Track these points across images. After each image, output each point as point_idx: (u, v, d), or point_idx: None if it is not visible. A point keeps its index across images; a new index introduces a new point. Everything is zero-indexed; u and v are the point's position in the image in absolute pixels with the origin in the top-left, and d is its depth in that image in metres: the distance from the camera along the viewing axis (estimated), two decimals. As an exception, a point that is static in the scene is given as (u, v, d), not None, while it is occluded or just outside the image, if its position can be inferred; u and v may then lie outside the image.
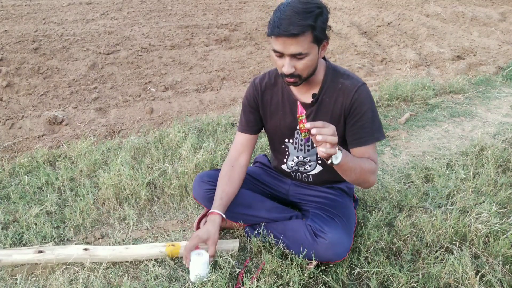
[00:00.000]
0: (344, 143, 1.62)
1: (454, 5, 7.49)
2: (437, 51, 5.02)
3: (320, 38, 1.40)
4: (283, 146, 1.74)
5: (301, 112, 1.31)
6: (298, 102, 1.36)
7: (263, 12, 7.05)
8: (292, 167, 1.76)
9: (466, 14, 6.77)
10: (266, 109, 1.69)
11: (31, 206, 2.02)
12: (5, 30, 5.05)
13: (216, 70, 4.33)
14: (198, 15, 6.64)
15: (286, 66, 1.41)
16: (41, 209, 1.99)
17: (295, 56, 1.39)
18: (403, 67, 4.55)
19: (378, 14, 6.79)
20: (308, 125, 1.27)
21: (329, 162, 1.36)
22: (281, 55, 1.42)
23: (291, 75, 1.43)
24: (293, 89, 1.63)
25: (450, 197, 2.12)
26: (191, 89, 3.81)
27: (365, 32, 6.05)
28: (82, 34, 5.14)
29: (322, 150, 1.30)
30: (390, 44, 5.44)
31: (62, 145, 2.69)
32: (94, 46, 4.75)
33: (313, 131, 1.27)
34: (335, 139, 1.28)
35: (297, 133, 1.67)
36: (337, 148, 1.34)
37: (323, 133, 1.26)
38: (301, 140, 1.67)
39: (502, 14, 6.95)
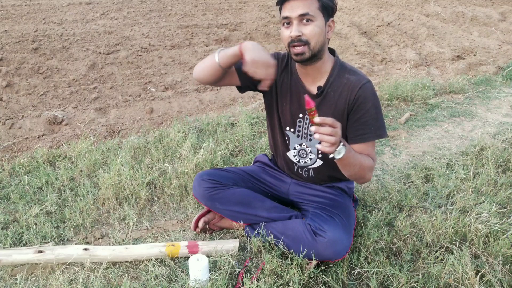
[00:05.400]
0: (344, 138, 1.62)
1: (454, 5, 7.49)
2: (437, 51, 5.02)
3: (327, 7, 1.47)
4: (283, 135, 1.75)
5: (311, 105, 1.27)
6: (305, 96, 1.32)
7: (263, 12, 7.05)
8: (295, 156, 1.76)
9: (466, 14, 6.77)
10: (277, 88, 1.69)
11: (31, 206, 2.02)
12: (5, 30, 5.05)
13: (216, 70, 4.33)
14: (198, 15, 6.64)
15: (293, 29, 1.44)
16: (41, 209, 1.99)
17: (302, 20, 1.43)
18: (403, 67, 4.55)
19: (378, 14, 6.79)
20: (317, 119, 1.28)
21: (330, 156, 1.39)
22: (289, 23, 1.46)
23: (299, 40, 1.44)
24: (301, 75, 1.64)
25: (450, 197, 2.12)
26: (191, 89, 3.81)
27: (365, 32, 6.05)
28: (82, 34, 5.14)
29: (317, 147, 1.34)
30: (390, 44, 5.44)
31: (62, 145, 2.69)
32: (94, 46, 4.75)
33: (312, 128, 1.31)
34: (331, 139, 1.29)
35: (300, 121, 1.68)
36: (341, 144, 1.36)
37: (321, 132, 1.29)
38: (305, 129, 1.68)
39: (502, 14, 6.95)
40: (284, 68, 1.67)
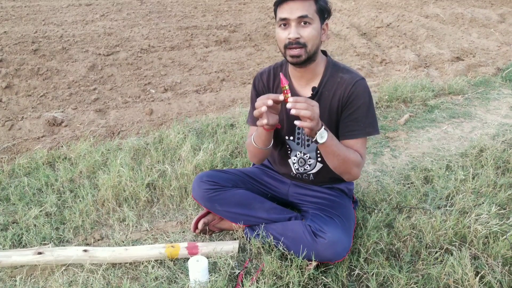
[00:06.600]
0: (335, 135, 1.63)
1: (453, 6, 7.50)
2: (436, 52, 5.02)
3: (323, 11, 1.49)
4: (285, 144, 1.75)
5: (284, 83, 1.33)
6: (281, 73, 1.38)
7: (263, 14, 7.05)
8: (294, 163, 1.77)
9: (465, 15, 6.78)
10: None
11: (31, 207, 2.02)
12: (5, 32, 5.05)
13: (215, 71, 4.34)
14: (197, 16, 6.65)
15: (292, 31, 1.45)
16: (41, 211, 1.99)
17: (301, 22, 1.44)
18: (402, 68, 4.56)
19: (377, 15, 6.80)
20: (291, 99, 1.32)
21: (314, 139, 1.41)
22: (286, 25, 1.46)
23: (297, 43, 1.45)
24: (294, 81, 1.64)
25: (449, 198, 2.12)
26: (190, 90, 3.81)
27: (365, 33, 6.06)
28: (82, 35, 5.14)
29: (296, 123, 1.35)
30: (389, 45, 5.45)
31: (62, 146, 2.69)
32: (93, 47, 4.75)
33: (289, 105, 1.32)
34: (307, 113, 1.31)
35: (298, 129, 1.68)
36: (323, 127, 1.39)
37: (297, 107, 1.31)
38: (303, 135, 1.68)
39: (501, 15, 6.96)
40: (275, 78, 1.69)
